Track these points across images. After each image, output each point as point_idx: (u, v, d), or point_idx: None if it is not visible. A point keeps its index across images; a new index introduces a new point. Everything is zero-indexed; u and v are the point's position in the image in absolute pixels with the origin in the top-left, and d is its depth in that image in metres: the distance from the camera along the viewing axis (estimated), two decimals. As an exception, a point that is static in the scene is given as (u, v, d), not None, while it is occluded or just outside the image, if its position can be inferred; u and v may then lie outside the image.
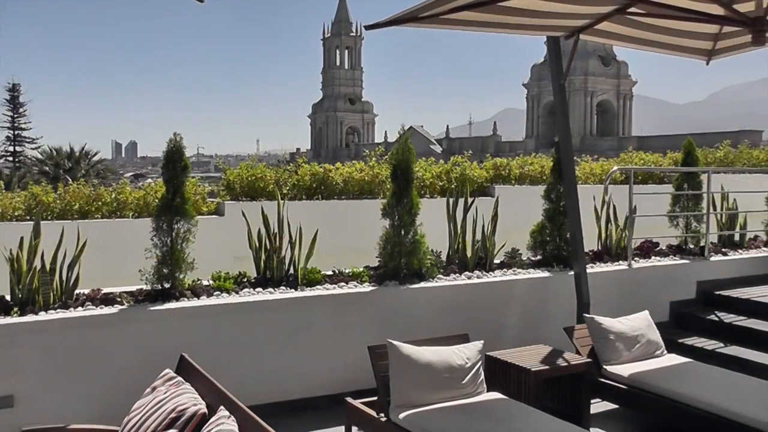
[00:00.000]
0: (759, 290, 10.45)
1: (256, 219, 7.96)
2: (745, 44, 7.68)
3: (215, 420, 3.97)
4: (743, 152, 19.67)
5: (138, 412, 4.44)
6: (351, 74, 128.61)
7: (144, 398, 4.59)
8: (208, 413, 4.18)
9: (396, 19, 5.88)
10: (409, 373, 5.84)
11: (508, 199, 10.63)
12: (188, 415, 4.12)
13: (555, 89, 8.55)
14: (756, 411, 5.97)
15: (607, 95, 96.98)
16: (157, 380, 4.73)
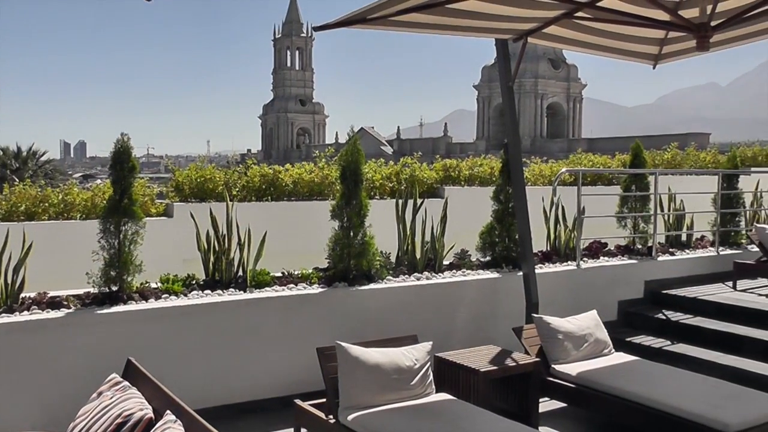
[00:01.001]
0: (705, 289, 10.66)
1: (205, 221, 7.91)
2: (689, 49, 7.81)
3: (161, 425, 3.92)
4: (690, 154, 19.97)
5: (83, 418, 4.38)
6: (302, 75, 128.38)
7: (90, 404, 4.53)
8: (154, 418, 4.13)
9: (345, 20, 5.89)
10: (358, 375, 5.83)
11: (457, 201, 10.68)
12: (134, 421, 4.07)
13: (503, 91, 8.62)
14: (701, 407, 6.07)
15: (557, 98, 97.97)
16: (103, 385, 4.67)
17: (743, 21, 6.47)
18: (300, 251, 9.78)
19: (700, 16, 6.15)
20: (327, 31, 6.07)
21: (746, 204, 13.38)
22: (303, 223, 11.34)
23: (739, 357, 8.56)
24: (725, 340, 9.00)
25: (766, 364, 8.31)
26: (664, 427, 6.25)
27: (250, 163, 12.87)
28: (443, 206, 9.27)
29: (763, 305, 9.72)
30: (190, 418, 3.95)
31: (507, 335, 7.80)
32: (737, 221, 12.88)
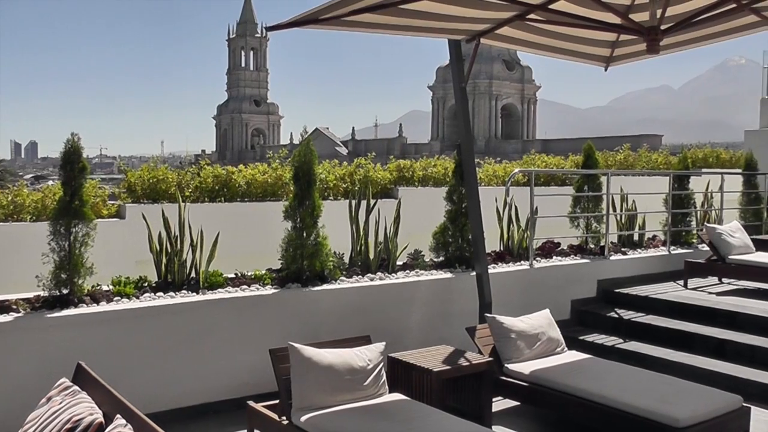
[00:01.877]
0: (657, 288, 10.82)
1: (157, 222, 7.83)
2: (640, 52, 7.89)
3: (111, 429, 3.88)
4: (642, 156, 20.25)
5: (32, 424, 4.31)
6: (256, 75, 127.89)
7: (39, 409, 4.45)
8: (104, 422, 4.08)
9: (297, 20, 5.86)
10: (311, 376, 5.82)
11: (411, 201, 10.73)
12: (84, 426, 4.02)
13: (456, 92, 8.65)
14: (652, 403, 6.15)
15: (512, 99, 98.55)
16: (53, 390, 4.59)
17: (692, 25, 6.57)
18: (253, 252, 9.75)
19: (650, 19, 6.22)
20: (281, 31, 6.05)
21: (697, 204, 13.58)
22: (256, 224, 11.30)
23: (689, 354, 8.72)
24: (676, 337, 9.16)
25: (715, 360, 8.48)
26: (616, 423, 6.32)
27: (204, 163, 12.79)
28: (396, 207, 9.28)
29: (712, 303, 9.90)
30: (141, 422, 3.91)
31: (460, 335, 7.82)
32: (688, 221, 13.08)
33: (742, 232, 11.68)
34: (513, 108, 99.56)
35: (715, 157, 22.66)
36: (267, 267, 8.41)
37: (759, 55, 20.36)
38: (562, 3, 6.54)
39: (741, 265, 10.95)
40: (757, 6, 6.65)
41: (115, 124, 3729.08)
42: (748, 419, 6.44)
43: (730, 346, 8.69)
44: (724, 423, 6.18)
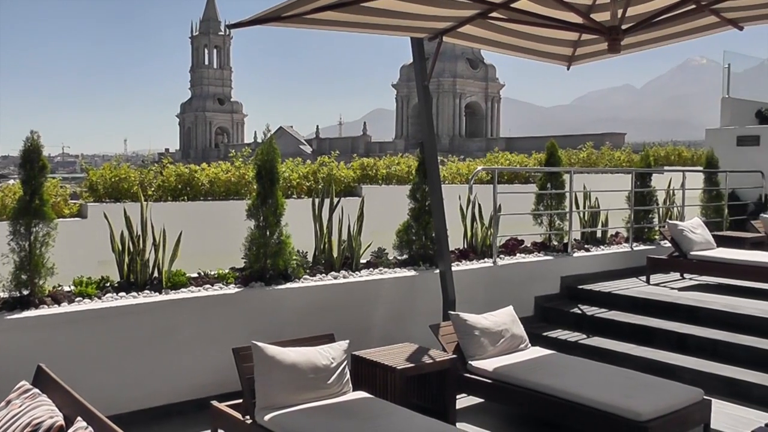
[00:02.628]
0: (619, 284, 10.95)
1: (120, 221, 7.75)
2: (602, 51, 7.95)
3: (72, 431, 3.85)
4: (605, 154, 20.39)
5: (-9, 427, 4.27)
6: (220, 74, 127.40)
7: (-3, 413, 4.41)
8: (65, 425, 4.05)
9: (259, 18, 5.83)
10: (274, 375, 5.80)
11: (375, 199, 10.71)
12: (44, 429, 3.97)
13: (419, 91, 8.66)
14: (614, 398, 6.22)
15: (476, 97, 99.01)
16: (12, 393, 4.54)
17: (652, 25, 6.63)
18: (217, 251, 9.70)
19: (611, 19, 6.27)
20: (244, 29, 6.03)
21: (659, 201, 13.73)
22: (220, 223, 11.22)
23: (651, 348, 8.83)
24: (638, 332, 9.26)
25: (677, 354, 8.59)
26: (579, 418, 6.38)
27: (166, 162, 12.69)
28: (360, 205, 9.26)
29: (674, 298, 10.04)
30: (102, 424, 3.88)
31: (424, 333, 7.84)
32: (651, 218, 13.23)
33: (704, 228, 11.82)
34: (477, 106, 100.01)
35: (676, 155, 22.86)
36: (230, 266, 8.38)
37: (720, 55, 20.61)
38: (524, 2, 6.56)
39: (702, 260, 11.08)
40: (717, 7, 6.73)
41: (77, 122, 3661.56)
42: (709, 412, 6.53)
43: (692, 341, 8.80)
44: (686, 416, 6.27)
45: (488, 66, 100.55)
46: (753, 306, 9.45)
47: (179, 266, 7.89)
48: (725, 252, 11.38)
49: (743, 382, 7.76)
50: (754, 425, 4.52)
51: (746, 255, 11.15)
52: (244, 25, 5.90)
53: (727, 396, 7.63)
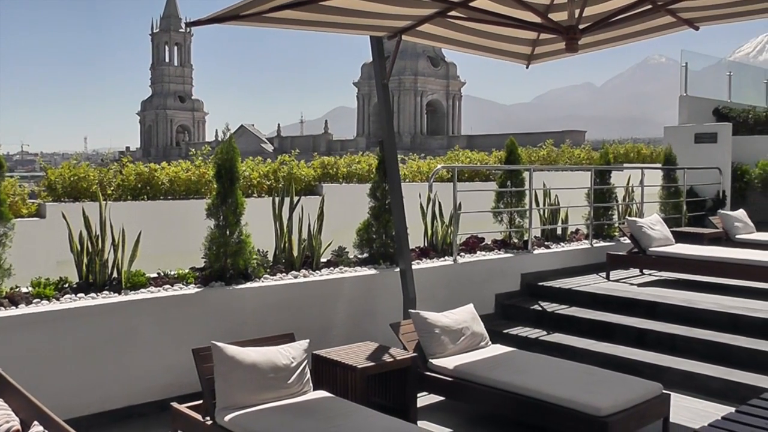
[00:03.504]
0: (580, 280, 11.04)
1: (79, 221, 7.68)
2: (560, 50, 8.02)
3: (28, 436, 3.82)
4: (565, 151, 20.54)
5: (-56, 432, 4.21)
6: (181, 71, 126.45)
7: (-49, 418, 4.35)
8: (21, 430, 4.01)
9: (218, 16, 5.81)
10: (234, 375, 5.77)
11: (336, 198, 10.71)
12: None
13: (378, 89, 8.68)
14: (574, 393, 6.26)
15: (437, 95, 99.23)
16: (-33, 398, 4.49)
17: (609, 25, 6.71)
18: (177, 251, 9.64)
19: (569, 19, 6.33)
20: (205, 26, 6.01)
21: (619, 198, 13.86)
22: (180, 222, 11.16)
23: (611, 344, 8.91)
24: (598, 328, 9.35)
25: (636, 349, 8.69)
26: (540, 414, 6.42)
27: (125, 161, 12.59)
28: (320, 204, 9.25)
29: (633, 294, 10.15)
30: (59, 428, 3.85)
31: (385, 331, 7.85)
32: (610, 215, 13.35)
33: (662, 224, 11.95)
34: (438, 104, 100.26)
35: (636, 152, 23.06)
36: (191, 266, 8.32)
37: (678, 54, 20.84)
38: (483, 1, 6.60)
39: (661, 256, 11.22)
40: (672, 7, 6.82)
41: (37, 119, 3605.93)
42: (669, 405, 6.59)
43: (651, 336, 8.91)
44: (645, 410, 6.33)
45: (449, 64, 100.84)
46: (710, 301, 9.59)
47: (139, 266, 7.82)
48: (684, 248, 11.51)
49: (701, 376, 7.86)
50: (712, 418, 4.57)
51: (704, 251, 11.29)
52: (203, 23, 5.89)
53: (685, 389, 7.74)
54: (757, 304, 9.33)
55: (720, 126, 17.80)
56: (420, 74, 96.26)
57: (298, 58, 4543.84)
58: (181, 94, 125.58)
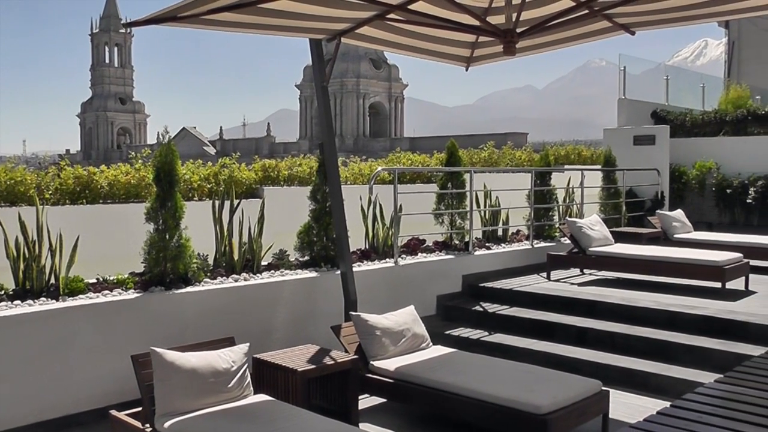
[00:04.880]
0: (521, 280, 11.14)
1: (15, 226, 7.53)
2: (498, 53, 8.09)
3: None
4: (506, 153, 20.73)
5: None
6: (121, 72, 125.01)
7: None
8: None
9: (155, 17, 5.75)
10: (174, 380, 5.71)
11: (277, 201, 10.67)
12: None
13: (318, 92, 8.66)
14: (515, 392, 6.30)
15: (379, 97, 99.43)
16: None
17: (547, 29, 6.79)
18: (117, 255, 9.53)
19: (506, 22, 6.38)
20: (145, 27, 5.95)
21: (559, 199, 14.00)
22: (119, 227, 11.05)
23: (552, 343, 9.01)
24: (539, 327, 9.44)
25: (576, 347, 8.80)
26: (481, 414, 6.44)
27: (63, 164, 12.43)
28: (261, 206, 9.20)
29: (573, 293, 10.28)
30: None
31: (326, 334, 7.83)
32: (551, 216, 13.50)
33: (602, 224, 12.11)
34: (381, 106, 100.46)
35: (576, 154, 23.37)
36: (130, 270, 8.22)
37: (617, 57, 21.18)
38: (422, 4, 6.63)
39: (600, 256, 11.37)
40: (609, 12, 6.92)
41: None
42: (608, 402, 6.67)
43: (591, 334, 9.02)
44: (584, 407, 6.40)
45: (392, 66, 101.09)
46: (649, 298, 9.75)
47: (77, 272, 7.69)
48: (623, 247, 11.68)
49: (640, 372, 8.00)
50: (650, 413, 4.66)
51: (643, 250, 11.47)
52: (140, 24, 5.82)
53: (625, 386, 7.84)
54: (694, 302, 9.52)
55: (658, 128, 18.11)
56: (362, 76, 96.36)
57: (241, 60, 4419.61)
58: (121, 96, 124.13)
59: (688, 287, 10.53)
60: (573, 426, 6.32)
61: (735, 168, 17.54)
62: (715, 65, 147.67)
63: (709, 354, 8.09)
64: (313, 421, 5.62)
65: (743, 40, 31.18)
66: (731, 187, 17.27)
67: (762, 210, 16.81)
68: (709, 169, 17.79)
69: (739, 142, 18.34)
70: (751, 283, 10.66)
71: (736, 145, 18.23)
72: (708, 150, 18.25)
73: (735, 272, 10.42)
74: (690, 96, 23.81)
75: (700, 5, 6.68)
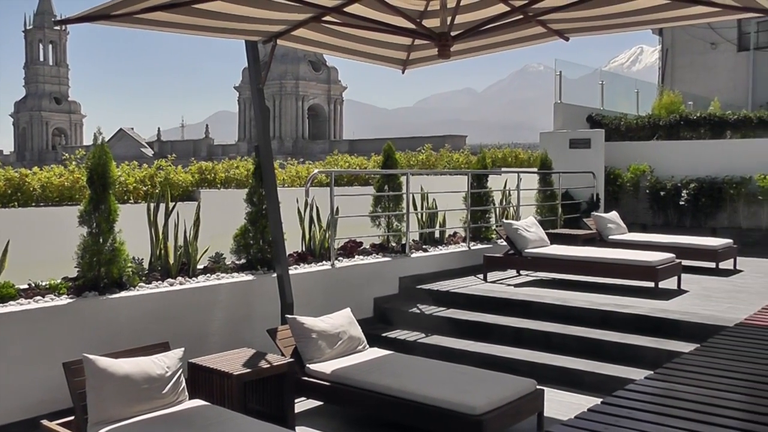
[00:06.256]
0: (457, 282, 11.19)
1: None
2: (433, 56, 8.10)
3: None
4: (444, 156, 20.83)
5: None
6: (56, 71, 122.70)
7: None
8: None
9: (88, 15, 5.63)
10: (107, 387, 5.62)
11: (213, 203, 10.59)
12: None
13: (253, 94, 8.64)
14: (450, 393, 6.35)
15: (319, 99, 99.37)
16: None
17: (481, 33, 6.83)
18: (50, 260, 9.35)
19: (441, 26, 6.41)
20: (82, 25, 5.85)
21: (496, 201, 14.11)
22: (53, 230, 10.84)
23: (488, 344, 9.09)
24: (476, 328, 9.51)
25: (513, 348, 8.90)
26: (417, 416, 6.48)
27: (-6, 166, 12.19)
28: (197, 209, 9.11)
29: (510, 294, 10.37)
30: None
31: (263, 337, 7.79)
32: (487, 218, 13.57)
33: (537, 226, 12.24)
34: (320, 108, 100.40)
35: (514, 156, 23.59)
36: (64, 276, 8.06)
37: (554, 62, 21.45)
38: (358, 6, 6.63)
39: (536, 257, 11.50)
40: (543, 18, 6.99)
41: None
42: (542, 400, 6.78)
43: (527, 334, 9.13)
44: (519, 406, 6.48)
45: (331, 68, 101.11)
46: (584, 298, 9.91)
47: (8, 277, 7.53)
48: (558, 249, 11.83)
49: (575, 371, 8.14)
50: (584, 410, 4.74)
51: (578, 251, 11.65)
52: (72, 22, 5.71)
53: (560, 384, 7.97)
54: (628, 301, 9.71)
55: (593, 132, 18.36)
56: (301, 78, 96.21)
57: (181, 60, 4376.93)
58: (56, 96, 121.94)
59: (622, 287, 10.71)
60: (508, 425, 6.41)
61: (668, 171, 17.86)
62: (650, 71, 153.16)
63: (641, 352, 8.25)
64: (249, 425, 5.59)
65: (676, 47, 31.82)
66: (665, 189, 17.57)
67: (694, 212, 17.14)
68: (643, 172, 18.08)
69: (672, 146, 18.69)
70: (683, 282, 10.90)
71: (669, 148, 18.57)
72: (642, 153, 18.56)
73: (667, 272, 10.63)
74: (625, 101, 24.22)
75: (633, 13, 6.79)
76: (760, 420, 4.37)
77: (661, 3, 6.34)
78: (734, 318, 8.24)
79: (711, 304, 9.56)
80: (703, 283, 11.27)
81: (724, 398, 4.78)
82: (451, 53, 6.64)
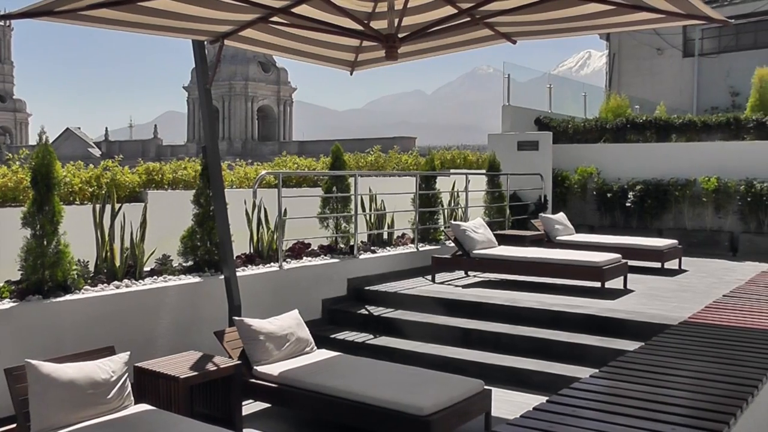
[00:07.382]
0: (406, 283, 11.21)
1: None
2: (381, 58, 8.13)
3: None
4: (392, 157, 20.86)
5: None
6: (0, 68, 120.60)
7: None
8: None
9: (30, 11, 5.52)
10: (50, 394, 5.51)
11: (161, 205, 10.48)
12: None
13: (201, 94, 8.58)
14: (398, 394, 6.36)
15: (268, 101, 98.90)
16: None
17: (429, 35, 6.86)
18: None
19: (389, 27, 6.43)
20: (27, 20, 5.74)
21: (444, 203, 14.15)
22: (-5, 232, 10.64)
23: (437, 345, 9.14)
24: (424, 329, 9.54)
25: (461, 348, 8.96)
26: (365, 418, 6.49)
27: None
28: (143, 210, 9.01)
29: (458, 295, 10.42)
30: None
31: (210, 340, 7.72)
32: (436, 219, 13.62)
33: (485, 228, 12.29)
34: (269, 110, 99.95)
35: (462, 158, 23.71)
36: (6, 279, 7.91)
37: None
38: (305, 7, 6.62)
39: (485, 258, 11.55)
40: (490, 21, 7.04)
41: None
42: (490, 400, 6.82)
43: (476, 335, 9.18)
44: (467, 406, 6.52)
45: (280, 69, 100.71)
46: (531, 299, 9.99)
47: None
48: (506, 250, 11.89)
49: (524, 370, 8.22)
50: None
51: (526, 252, 11.73)
52: (14, 17, 5.58)
53: (509, 384, 8.05)
54: (576, 301, 9.82)
55: (541, 135, 18.51)
56: (251, 79, 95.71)
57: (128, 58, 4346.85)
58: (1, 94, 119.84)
59: (569, 287, 10.82)
60: (456, 426, 6.44)
61: (615, 173, 18.06)
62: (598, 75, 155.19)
63: (589, 351, 8.35)
64: (195, 428, 5.53)
65: (623, 52, 32.24)
66: (612, 191, 17.76)
67: (641, 213, 17.35)
68: (590, 174, 18.26)
69: (618, 148, 18.90)
70: (629, 282, 11.08)
71: (616, 151, 18.78)
72: (589, 156, 18.74)
73: (614, 272, 10.77)
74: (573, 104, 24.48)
75: (579, 18, 6.86)
76: (702, 416, 4.45)
77: (606, 9, 6.41)
78: (679, 317, 8.37)
79: (656, 303, 9.70)
80: (649, 283, 11.43)
81: (668, 395, 4.86)
82: (399, 55, 6.66)
